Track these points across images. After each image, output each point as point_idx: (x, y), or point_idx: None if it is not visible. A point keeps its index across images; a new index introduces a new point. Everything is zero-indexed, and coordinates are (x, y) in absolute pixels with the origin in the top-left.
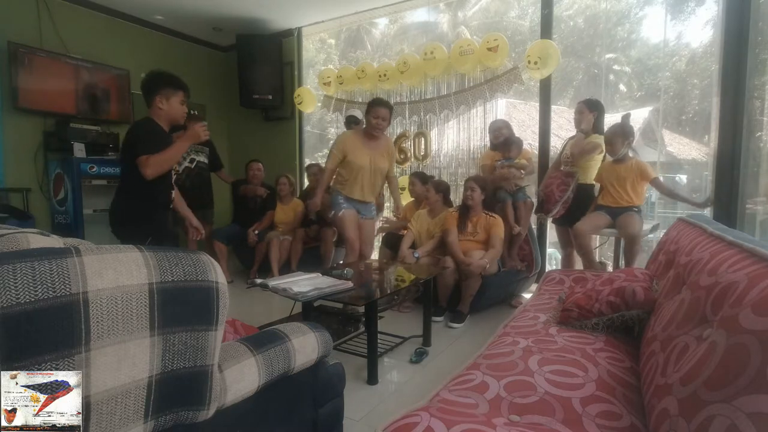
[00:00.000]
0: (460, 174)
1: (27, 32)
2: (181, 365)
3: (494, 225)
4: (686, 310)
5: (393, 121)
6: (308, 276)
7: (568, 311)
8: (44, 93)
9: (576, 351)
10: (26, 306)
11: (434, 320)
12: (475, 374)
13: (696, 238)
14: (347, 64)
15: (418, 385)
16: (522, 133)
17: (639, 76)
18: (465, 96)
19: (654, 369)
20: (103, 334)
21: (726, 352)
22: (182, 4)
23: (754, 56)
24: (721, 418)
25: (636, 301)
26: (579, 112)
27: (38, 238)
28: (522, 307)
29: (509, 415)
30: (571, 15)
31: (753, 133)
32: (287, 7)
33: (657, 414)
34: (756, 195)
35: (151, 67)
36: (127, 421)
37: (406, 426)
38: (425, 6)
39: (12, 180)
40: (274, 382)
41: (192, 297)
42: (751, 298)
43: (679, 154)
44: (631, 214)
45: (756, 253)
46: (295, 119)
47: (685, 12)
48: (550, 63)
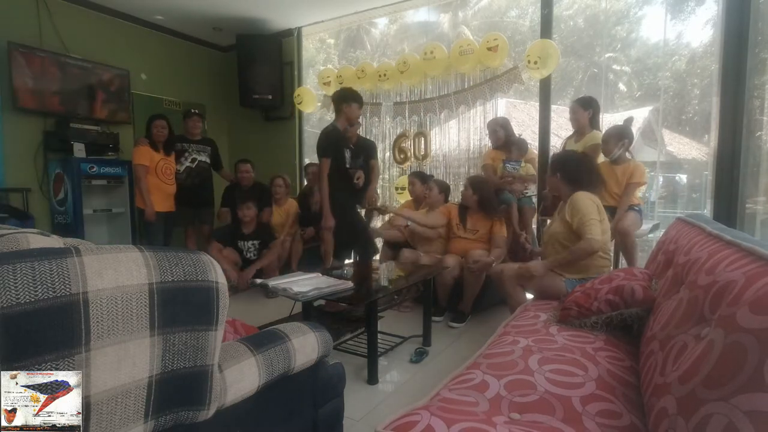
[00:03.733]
0: (460, 174)
1: (27, 32)
2: (181, 365)
3: (495, 224)
4: (684, 309)
5: (393, 121)
6: (308, 276)
7: (567, 309)
8: (44, 93)
9: (576, 350)
10: (26, 306)
11: (434, 320)
12: (475, 373)
13: (694, 237)
14: (347, 64)
15: (418, 385)
16: (522, 133)
17: (639, 75)
18: (465, 96)
19: (653, 368)
20: (103, 334)
21: (723, 350)
22: (182, 4)
23: (754, 56)
24: (719, 416)
25: (635, 300)
26: (573, 111)
27: (38, 238)
28: (522, 306)
29: (509, 414)
30: (571, 15)
31: (753, 133)
32: (287, 7)
33: (656, 413)
34: (756, 195)
35: (151, 67)
36: (128, 421)
37: (407, 425)
38: (425, 6)
39: (12, 180)
40: (274, 382)
41: (192, 297)
42: (749, 297)
43: (679, 153)
44: (628, 212)
45: (754, 252)
46: (294, 119)
47: (685, 11)
48: (550, 63)
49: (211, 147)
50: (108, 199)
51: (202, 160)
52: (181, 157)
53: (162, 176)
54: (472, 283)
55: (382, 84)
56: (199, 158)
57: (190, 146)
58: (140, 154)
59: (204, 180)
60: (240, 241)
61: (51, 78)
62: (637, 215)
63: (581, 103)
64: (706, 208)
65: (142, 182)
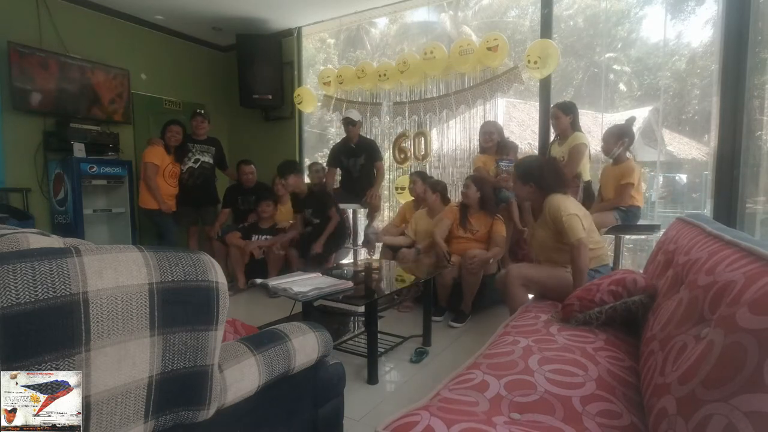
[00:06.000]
0: (460, 174)
1: (27, 32)
2: (181, 365)
3: (495, 223)
4: (684, 310)
5: (393, 121)
6: (308, 276)
7: (569, 305)
8: (44, 93)
9: (576, 350)
10: (26, 306)
11: (434, 320)
12: (475, 373)
13: (694, 237)
14: (347, 63)
15: (418, 385)
16: (522, 133)
17: (639, 75)
18: (465, 95)
19: (653, 368)
20: (103, 334)
21: (723, 351)
22: (182, 4)
23: (754, 56)
24: (719, 416)
25: (637, 288)
26: (554, 116)
27: (38, 238)
28: (523, 306)
29: (510, 414)
30: (571, 14)
31: (753, 133)
32: (287, 7)
33: (656, 413)
34: (756, 194)
35: (151, 67)
36: (128, 421)
37: (407, 425)
38: (425, 6)
39: (12, 180)
40: (274, 381)
41: (192, 297)
42: (748, 297)
43: (679, 153)
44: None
45: (753, 252)
46: (295, 119)
47: (684, 11)
48: (550, 63)
49: (216, 147)
50: (108, 199)
51: (205, 161)
52: (184, 157)
53: (167, 178)
54: (471, 283)
55: (382, 84)
56: (203, 159)
57: (194, 146)
58: (153, 153)
59: (206, 180)
60: (255, 235)
61: (51, 78)
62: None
63: (562, 108)
64: (706, 208)
65: (152, 180)
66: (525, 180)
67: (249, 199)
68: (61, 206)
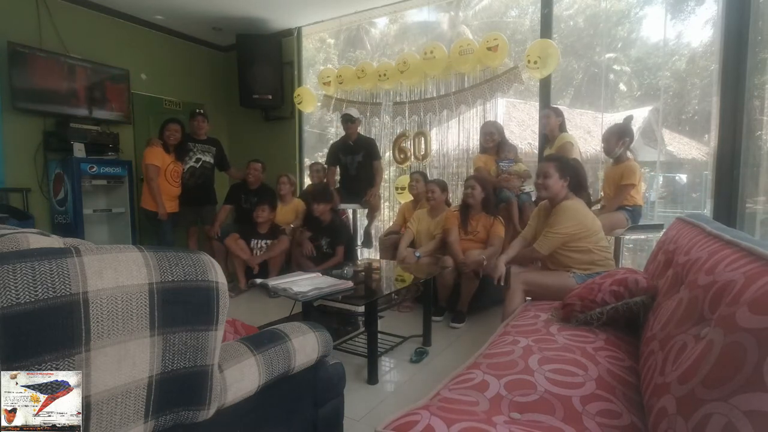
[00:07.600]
0: (460, 174)
1: (27, 32)
2: (181, 365)
3: (494, 224)
4: (684, 309)
5: (393, 121)
6: (308, 276)
7: (570, 305)
8: (44, 93)
9: (576, 350)
10: (26, 306)
11: (434, 320)
12: (475, 373)
13: (694, 237)
14: (347, 63)
15: (418, 385)
16: (522, 133)
17: (639, 75)
18: (465, 95)
19: (653, 368)
20: (103, 334)
21: (723, 350)
22: (182, 4)
23: (754, 56)
24: (719, 416)
25: (639, 289)
26: (546, 116)
27: (38, 238)
28: (523, 306)
29: (510, 413)
30: (571, 14)
31: (753, 133)
32: (287, 7)
33: (656, 412)
34: (756, 194)
35: (151, 67)
36: (128, 421)
37: (407, 424)
38: (425, 6)
39: (12, 180)
40: (275, 381)
41: (192, 297)
42: (748, 297)
43: (679, 153)
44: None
45: (753, 252)
46: (295, 119)
47: (684, 11)
48: (550, 62)
49: (216, 147)
50: (108, 199)
51: (206, 160)
52: (185, 156)
53: (169, 179)
54: (467, 284)
55: (382, 84)
56: (204, 158)
57: (195, 146)
58: (153, 155)
59: (207, 180)
60: (254, 239)
61: (51, 78)
62: (622, 215)
63: (555, 111)
64: (706, 208)
65: (153, 182)
66: (564, 174)
67: (252, 199)
68: (61, 206)
